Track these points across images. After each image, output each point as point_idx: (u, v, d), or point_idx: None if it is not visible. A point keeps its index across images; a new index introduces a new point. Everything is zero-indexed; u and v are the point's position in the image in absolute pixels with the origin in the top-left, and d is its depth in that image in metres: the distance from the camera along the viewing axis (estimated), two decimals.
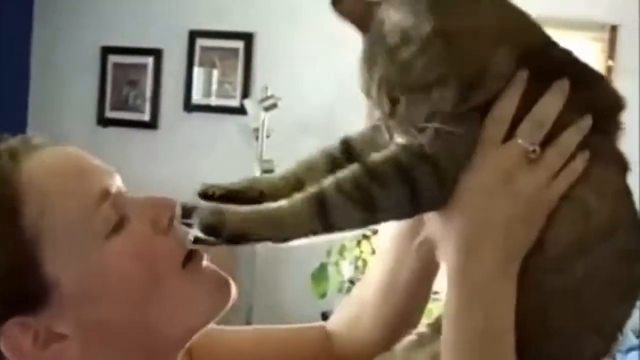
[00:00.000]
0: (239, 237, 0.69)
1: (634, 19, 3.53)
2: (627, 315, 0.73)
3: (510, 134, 0.71)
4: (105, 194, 0.72)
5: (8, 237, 0.68)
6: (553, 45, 0.74)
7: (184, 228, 0.74)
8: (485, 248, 0.70)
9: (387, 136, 0.73)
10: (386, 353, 0.81)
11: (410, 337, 0.81)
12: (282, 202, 0.70)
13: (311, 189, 0.70)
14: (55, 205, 0.70)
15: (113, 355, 0.72)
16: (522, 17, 0.73)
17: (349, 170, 0.71)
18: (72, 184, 0.72)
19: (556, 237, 0.70)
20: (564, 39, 0.76)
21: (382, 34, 0.70)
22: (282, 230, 0.69)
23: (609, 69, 3.60)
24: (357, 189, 0.69)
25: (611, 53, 3.61)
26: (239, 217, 0.69)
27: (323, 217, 0.69)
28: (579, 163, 0.71)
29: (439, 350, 0.74)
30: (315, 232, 0.69)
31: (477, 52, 0.69)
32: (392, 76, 0.70)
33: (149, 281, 0.71)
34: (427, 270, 0.84)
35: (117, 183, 0.75)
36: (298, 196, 0.70)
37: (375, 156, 0.71)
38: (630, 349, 3.24)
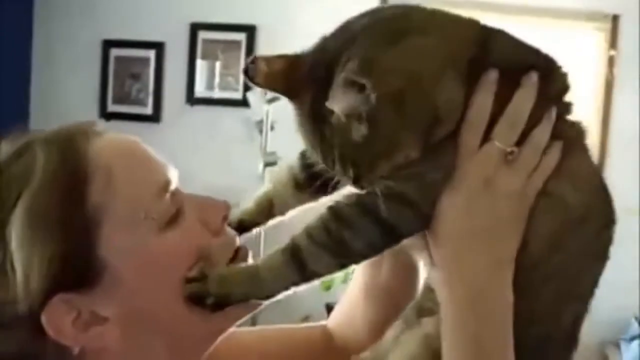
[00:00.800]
0: (223, 301, 0.70)
1: (636, 9, 3.52)
2: (600, 272, 0.74)
3: (485, 137, 0.70)
4: (167, 185, 0.73)
5: (71, 213, 0.67)
6: (493, 37, 0.71)
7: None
8: (476, 257, 0.70)
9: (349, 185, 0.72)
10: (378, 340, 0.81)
11: (397, 322, 0.81)
12: (260, 260, 0.71)
13: (285, 244, 0.70)
14: (119, 187, 0.69)
15: (151, 344, 0.72)
16: (454, 27, 0.71)
17: (319, 217, 0.70)
18: (138, 169, 0.72)
19: (536, 231, 0.70)
20: (566, 29, 0.76)
21: (323, 114, 0.68)
22: (263, 287, 0.71)
23: (611, 59, 3.59)
24: (328, 235, 0.69)
25: (613, 43, 3.60)
26: (220, 281, 0.70)
27: (301, 268, 0.70)
28: (554, 155, 0.71)
29: (427, 331, 0.74)
30: (295, 284, 0.70)
31: (425, 94, 0.67)
32: (352, 154, 0.68)
33: None
34: (406, 269, 0.83)
35: (175, 178, 0.75)
36: (274, 252, 0.71)
37: (342, 199, 0.71)
38: (634, 337, 3.25)
